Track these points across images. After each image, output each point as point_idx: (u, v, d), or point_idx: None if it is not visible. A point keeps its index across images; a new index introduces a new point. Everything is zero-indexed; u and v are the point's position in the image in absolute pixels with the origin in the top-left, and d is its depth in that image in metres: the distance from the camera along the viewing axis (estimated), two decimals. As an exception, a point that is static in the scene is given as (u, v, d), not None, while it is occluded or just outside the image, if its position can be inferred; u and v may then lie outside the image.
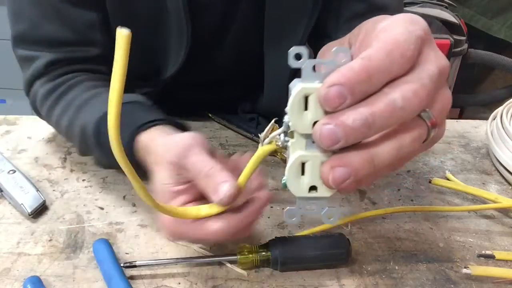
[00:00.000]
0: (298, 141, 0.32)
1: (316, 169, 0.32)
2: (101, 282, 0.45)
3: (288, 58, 0.30)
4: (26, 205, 0.52)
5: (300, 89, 0.30)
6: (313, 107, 0.31)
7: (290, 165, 0.33)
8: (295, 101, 0.31)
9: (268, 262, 0.46)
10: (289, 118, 0.32)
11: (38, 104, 0.61)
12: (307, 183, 0.33)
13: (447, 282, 0.46)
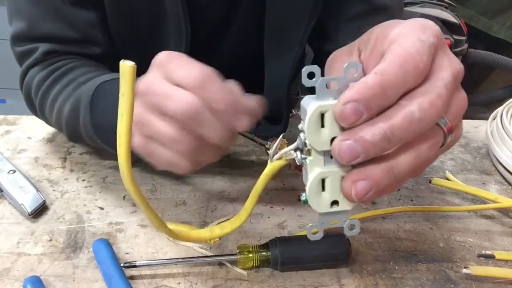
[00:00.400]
0: (316, 158, 0.33)
1: (336, 184, 0.33)
2: (101, 282, 0.45)
3: (302, 77, 0.30)
4: (26, 205, 0.52)
5: (316, 107, 0.31)
6: (329, 124, 0.31)
7: (311, 183, 0.33)
8: (312, 120, 0.31)
9: (268, 262, 0.46)
10: (305, 137, 0.32)
11: (33, 91, 0.60)
12: (328, 199, 0.33)
13: (447, 282, 0.46)
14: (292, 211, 0.55)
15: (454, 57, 0.33)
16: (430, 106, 0.29)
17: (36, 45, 0.59)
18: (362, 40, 0.36)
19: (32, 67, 0.60)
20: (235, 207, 0.55)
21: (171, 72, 0.38)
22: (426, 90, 0.30)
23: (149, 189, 0.58)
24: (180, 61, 0.39)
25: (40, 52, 0.59)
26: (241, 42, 0.67)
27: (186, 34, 0.59)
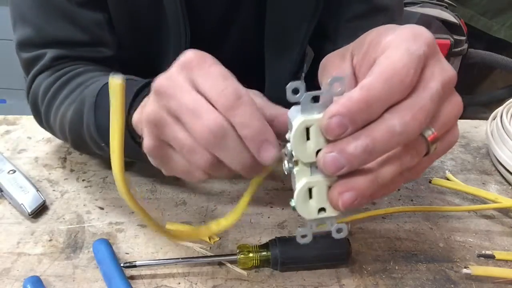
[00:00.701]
0: (303, 169, 0.33)
1: (323, 193, 0.34)
2: (101, 282, 0.45)
3: (286, 93, 0.31)
4: (26, 205, 0.52)
5: (301, 122, 0.32)
6: (314, 137, 0.32)
7: (298, 191, 0.34)
8: (297, 133, 0.32)
9: (268, 262, 0.46)
10: (292, 148, 0.33)
11: (40, 98, 0.58)
12: (315, 207, 0.34)
13: (447, 282, 0.46)
14: (292, 211, 0.55)
15: (446, 63, 0.33)
16: (412, 119, 0.30)
17: (43, 51, 0.58)
18: (356, 44, 0.36)
19: (39, 74, 0.59)
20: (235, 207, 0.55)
21: (199, 79, 0.35)
22: (410, 104, 0.30)
23: (149, 189, 0.58)
24: (212, 70, 0.35)
25: (48, 58, 0.58)
26: (242, 43, 0.67)
27: (185, 36, 0.59)
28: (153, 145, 0.38)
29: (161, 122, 0.36)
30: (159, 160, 0.39)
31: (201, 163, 0.36)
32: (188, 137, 0.36)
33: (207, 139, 0.34)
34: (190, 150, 0.36)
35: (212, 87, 0.34)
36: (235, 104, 0.34)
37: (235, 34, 0.66)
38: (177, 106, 0.35)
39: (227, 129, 0.34)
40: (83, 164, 0.61)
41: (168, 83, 0.35)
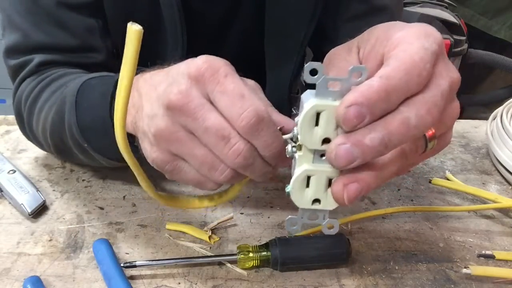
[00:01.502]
0: (306, 155, 0.33)
1: (321, 184, 0.33)
2: (101, 282, 0.45)
3: (303, 73, 0.30)
4: (26, 205, 0.52)
5: (313, 105, 0.31)
6: (324, 124, 0.31)
7: (296, 177, 0.33)
8: (307, 117, 0.31)
9: (268, 262, 0.46)
10: (298, 132, 0.32)
11: (22, 104, 0.56)
12: (311, 196, 0.34)
13: (447, 282, 0.46)
14: (292, 211, 0.55)
15: (452, 65, 0.33)
16: (427, 113, 0.30)
17: (30, 56, 0.57)
18: (362, 38, 0.36)
19: (24, 79, 0.57)
20: (235, 207, 0.55)
21: (216, 95, 0.34)
22: (424, 98, 0.30)
23: (149, 189, 0.58)
24: (227, 85, 0.34)
25: (34, 63, 0.56)
26: (241, 46, 0.67)
27: (182, 42, 0.58)
28: (163, 159, 0.38)
29: (176, 139, 0.36)
30: (168, 172, 0.39)
31: (219, 178, 0.37)
32: (208, 154, 0.36)
33: (238, 163, 0.35)
34: (210, 168, 0.36)
35: (231, 107, 0.34)
36: (256, 128, 0.34)
37: (235, 37, 0.66)
38: (199, 127, 0.35)
39: (254, 153, 0.35)
40: (83, 164, 0.61)
41: (184, 100, 0.34)
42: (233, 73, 0.35)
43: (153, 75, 0.40)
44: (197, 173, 0.38)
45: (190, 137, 0.36)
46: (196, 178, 0.38)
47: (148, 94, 0.39)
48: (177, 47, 0.59)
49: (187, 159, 0.37)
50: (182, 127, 0.36)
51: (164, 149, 0.37)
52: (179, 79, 0.35)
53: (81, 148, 0.49)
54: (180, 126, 0.36)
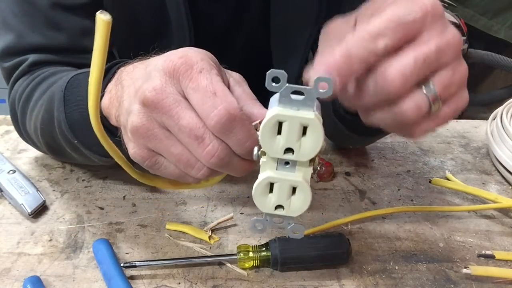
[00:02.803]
0: (270, 161, 0.32)
1: (284, 191, 0.33)
2: (101, 282, 0.45)
3: (266, 80, 0.30)
4: (26, 205, 0.52)
5: (274, 115, 0.30)
6: (286, 134, 0.31)
7: (258, 183, 0.33)
8: (268, 126, 0.31)
9: (268, 262, 0.46)
10: (260, 140, 0.31)
11: (16, 103, 0.56)
12: (273, 202, 0.33)
13: (447, 282, 0.46)
14: (292, 211, 0.55)
15: (450, 29, 0.33)
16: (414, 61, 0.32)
17: (24, 57, 0.56)
18: (361, 11, 0.36)
19: (18, 80, 0.57)
20: (235, 207, 0.55)
21: (189, 91, 0.34)
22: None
23: (149, 189, 0.58)
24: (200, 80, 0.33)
25: (27, 63, 0.56)
26: (248, 47, 0.67)
27: (189, 44, 0.58)
28: (141, 155, 0.37)
29: (152, 136, 0.36)
30: (148, 167, 0.38)
31: (197, 175, 0.36)
32: (184, 152, 0.35)
33: (213, 163, 0.35)
34: (187, 165, 0.36)
35: (202, 105, 0.33)
36: (229, 127, 0.33)
37: (241, 37, 0.66)
38: (174, 125, 0.34)
39: (229, 152, 0.35)
40: (83, 164, 0.61)
41: (159, 96, 0.34)
42: (210, 68, 0.34)
43: (135, 67, 0.40)
44: (176, 168, 0.37)
45: (166, 134, 0.35)
46: (176, 173, 0.38)
47: (128, 88, 0.38)
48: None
49: (165, 156, 0.37)
50: (158, 124, 0.35)
51: (141, 145, 0.37)
52: (155, 74, 0.35)
53: (71, 145, 0.49)
54: (156, 123, 0.35)
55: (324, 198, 0.58)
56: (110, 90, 0.41)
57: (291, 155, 0.31)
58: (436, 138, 0.73)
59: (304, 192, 0.33)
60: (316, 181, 0.60)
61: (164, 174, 0.39)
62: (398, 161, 0.66)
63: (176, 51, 0.35)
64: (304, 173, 0.33)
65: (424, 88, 0.33)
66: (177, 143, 0.35)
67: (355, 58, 0.32)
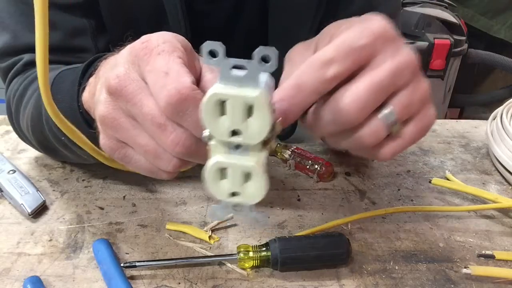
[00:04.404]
0: (219, 145, 0.30)
1: (237, 177, 0.30)
2: (101, 282, 0.45)
3: (202, 53, 0.27)
4: (26, 205, 0.52)
5: (213, 93, 0.27)
6: (230, 115, 0.28)
7: (209, 169, 0.30)
8: (208, 106, 0.28)
9: (268, 262, 0.46)
10: (203, 122, 0.29)
11: (11, 102, 0.56)
12: (228, 189, 0.31)
13: (447, 282, 0.46)
14: (292, 211, 0.55)
15: (403, 50, 0.33)
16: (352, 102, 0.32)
17: (20, 57, 0.56)
18: (321, 36, 0.37)
19: (13, 79, 0.57)
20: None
21: (146, 74, 0.32)
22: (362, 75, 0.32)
23: (149, 189, 0.58)
24: (156, 62, 0.32)
25: (21, 62, 0.56)
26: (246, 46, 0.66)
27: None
28: (110, 146, 0.36)
29: (119, 125, 0.34)
30: (119, 160, 0.37)
31: (167, 168, 0.35)
32: (151, 143, 0.34)
33: (180, 152, 0.33)
34: (155, 157, 0.34)
35: (155, 85, 0.32)
36: (180, 109, 0.31)
37: (239, 37, 0.66)
38: (138, 113, 0.33)
39: (196, 139, 0.32)
40: (83, 164, 0.61)
41: (121, 84, 0.33)
42: (171, 50, 0.33)
43: (110, 58, 0.39)
44: (147, 162, 0.36)
45: (132, 124, 0.34)
46: (147, 167, 0.36)
47: (101, 79, 0.37)
48: None
49: (133, 147, 0.36)
50: (124, 113, 0.34)
51: (109, 136, 0.36)
52: (119, 62, 0.34)
53: (61, 142, 0.48)
54: (122, 112, 0.34)
55: (324, 198, 0.58)
56: (90, 83, 0.40)
57: (239, 137, 0.29)
58: (436, 138, 0.73)
59: (258, 178, 0.30)
60: (316, 181, 0.60)
61: (136, 168, 0.37)
62: (398, 161, 0.66)
63: (143, 36, 0.34)
64: (257, 157, 0.30)
65: (381, 113, 0.33)
66: (143, 133, 0.34)
67: (305, 88, 0.32)
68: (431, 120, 0.35)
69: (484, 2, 1.77)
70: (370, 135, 0.33)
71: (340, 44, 0.32)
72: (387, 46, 0.33)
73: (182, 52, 0.33)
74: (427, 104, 0.35)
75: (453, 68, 1.66)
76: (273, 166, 0.64)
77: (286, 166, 0.63)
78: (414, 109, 0.34)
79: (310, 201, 0.57)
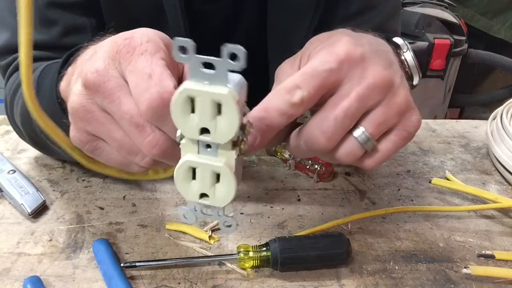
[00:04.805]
0: (190, 144, 0.30)
1: (207, 178, 0.30)
2: (101, 282, 0.45)
3: (173, 49, 0.27)
4: (26, 205, 0.52)
5: (183, 90, 0.27)
6: (199, 112, 0.28)
7: (177, 168, 0.30)
8: (178, 102, 0.28)
9: (268, 262, 0.46)
10: (173, 119, 0.29)
11: (7, 98, 0.56)
12: (197, 190, 0.31)
13: (447, 282, 0.46)
14: (292, 211, 0.55)
15: (373, 68, 0.34)
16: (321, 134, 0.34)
17: (17, 54, 0.56)
18: (303, 50, 0.38)
19: (11, 76, 0.57)
20: (235, 207, 0.55)
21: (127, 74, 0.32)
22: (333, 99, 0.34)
23: (149, 189, 0.58)
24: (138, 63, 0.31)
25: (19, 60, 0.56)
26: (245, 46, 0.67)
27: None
28: (80, 138, 0.36)
29: (93, 119, 0.34)
30: (89, 152, 0.37)
31: (140, 163, 0.35)
32: (126, 139, 0.34)
33: (155, 154, 0.33)
34: (130, 152, 0.34)
35: (136, 87, 0.31)
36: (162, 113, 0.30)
37: (238, 36, 0.66)
38: (115, 111, 0.32)
39: (173, 142, 0.32)
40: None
41: (100, 79, 0.32)
42: (154, 50, 0.32)
43: (89, 48, 0.38)
44: (119, 155, 0.36)
45: (108, 119, 0.33)
46: (119, 160, 0.36)
47: (77, 68, 0.37)
48: None
49: (107, 141, 0.35)
50: (99, 107, 0.33)
51: (80, 128, 0.35)
52: (99, 56, 0.33)
53: (49, 138, 0.47)
54: (97, 106, 0.33)
55: (324, 198, 0.58)
56: (68, 73, 0.40)
57: (208, 136, 0.29)
58: (436, 138, 0.73)
59: (227, 179, 0.30)
60: (316, 181, 0.60)
61: (107, 161, 0.37)
62: (398, 161, 0.66)
63: (125, 32, 0.34)
64: (227, 158, 0.30)
65: (353, 134, 0.34)
66: (119, 128, 0.34)
67: (272, 111, 0.33)
68: (414, 127, 0.36)
69: (484, 2, 1.77)
70: (346, 155, 0.35)
71: (305, 71, 0.33)
72: (353, 69, 0.33)
73: (165, 52, 0.33)
74: (406, 113, 0.35)
75: (453, 68, 1.66)
76: (273, 166, 0.64)
77: (286, 166, 0.63)
78: (391, 123, 0.35)
79: (310, 201, 0.57)
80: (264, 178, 0.61)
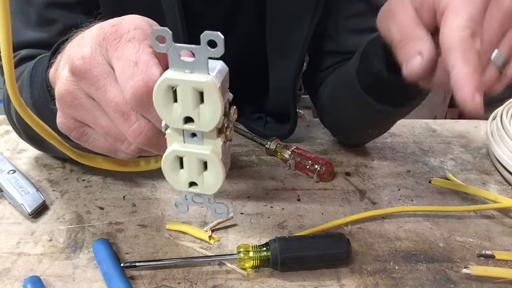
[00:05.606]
0: (175, 133, 0.30)
1: (194, 166, 0.30)
2: (101, 282, 0.45)
3: (151, 39, 0.27)
4: (26, 205, 0.52)
5: (163, 79, 0.27)
6: (181, 101, 0.28)
7: (164, 157, 0.30)
8: (159, 92, 0.28)
9: (268, 262, 0.46)
10: (155, 109, 0.29)
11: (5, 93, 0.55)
12: (186, 179, 0.31)
13: (447, 282, 0.46)
14: (292, 211, 0.55)
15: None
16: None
17: (17, 52, 0.56)
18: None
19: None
20: (235, 207, 0.55)
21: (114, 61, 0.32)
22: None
23: (149, 189, 0.58)
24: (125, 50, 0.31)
25: (18, 58, 0.56)
26: (244, 47, 0.67)
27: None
28: (67, 124, 0.35)
29: (79, 105, 0.34)
30: (76, 139, 0.36)
31: (126, 150, 0.35)
32: (112, 126, 0.33)
33: (140, 142, 0.33)
34: (116, 139, 0.34)
35: (122, 74, 0.31)
36: (147, 101, 0.30)
37: (237, 37, 0.66)
38: (101, 97, 0.32)
39: (158, 131, 0.32)
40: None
41: (86, 65, 0.32)
42: (142, 38, 0.32)
43: (77, 34, 0.38)
44: (106, 141, 0.35)
45: (94, 105, 0.33)
46: (106, 146, 0.36)
47: (65, 55, 0.37)
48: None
49: (92, 127, 0.35)
50: (86, 93, 0.33)
51: (67, 114, 0.35)
52: (86, 42, 0.33)
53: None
54: (83, 92, 0.33)
55: (324, 198, 0.58)
56: (57, 60, 0.40)
57: (192, 125, 0.29)
58: (436, 138, 0.73)
59: (215, 166, 0.30)
60: (316, 181, 0.60)
61: (94, 147, 0.37)
62: (398, 161, 0.66)
63: (114, 19, 0.33)
64: (213, 145, 0.30)
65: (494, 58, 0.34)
66: (105, 115, 0.33)
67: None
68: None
69: (484, 2, 1.77)
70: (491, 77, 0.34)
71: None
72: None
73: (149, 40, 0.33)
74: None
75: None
76: (273, 166, 0.64)
77: (286, 166, 0.63)
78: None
79: (310, 201, 0.57)
80: (264, 178, 0.61)
